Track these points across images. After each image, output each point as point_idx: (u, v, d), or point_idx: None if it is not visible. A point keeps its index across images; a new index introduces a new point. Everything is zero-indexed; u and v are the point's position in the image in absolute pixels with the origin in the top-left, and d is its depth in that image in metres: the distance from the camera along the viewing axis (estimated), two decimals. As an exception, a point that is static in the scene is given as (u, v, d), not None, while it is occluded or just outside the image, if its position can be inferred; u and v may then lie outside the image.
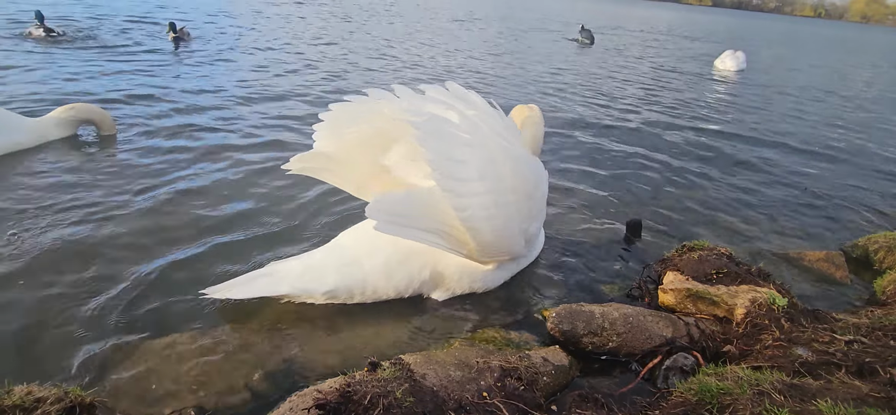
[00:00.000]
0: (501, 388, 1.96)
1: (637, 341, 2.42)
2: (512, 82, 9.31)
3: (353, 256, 2.62)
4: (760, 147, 6.53)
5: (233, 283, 2.43)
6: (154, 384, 2.02)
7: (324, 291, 2.52)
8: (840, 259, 3.51)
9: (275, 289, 2.46)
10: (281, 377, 2.14)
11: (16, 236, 2.91)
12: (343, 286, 2.54)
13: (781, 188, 5.08)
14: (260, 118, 5.60)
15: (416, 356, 2.07)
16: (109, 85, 6.18)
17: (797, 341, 2.32)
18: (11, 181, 3.58)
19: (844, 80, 15.66)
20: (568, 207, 4.11)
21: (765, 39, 32.39)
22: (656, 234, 3.80)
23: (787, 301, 2.57)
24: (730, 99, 9.93)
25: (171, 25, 9.36)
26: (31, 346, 2.16)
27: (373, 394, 1.75)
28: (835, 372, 2.04)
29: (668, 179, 4.99)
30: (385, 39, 13.00)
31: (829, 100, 11.03)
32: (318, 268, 2.56)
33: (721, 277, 2.83)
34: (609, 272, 3.23)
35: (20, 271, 2.62)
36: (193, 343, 2.25)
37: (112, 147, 4.40)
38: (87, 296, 2.49)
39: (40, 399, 1.57)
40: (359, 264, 2.59)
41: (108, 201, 3.42)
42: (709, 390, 1.92)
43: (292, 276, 2.50)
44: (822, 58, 23.22)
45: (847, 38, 49.63)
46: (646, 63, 14.17)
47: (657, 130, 6.80)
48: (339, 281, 2.53)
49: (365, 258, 2.61)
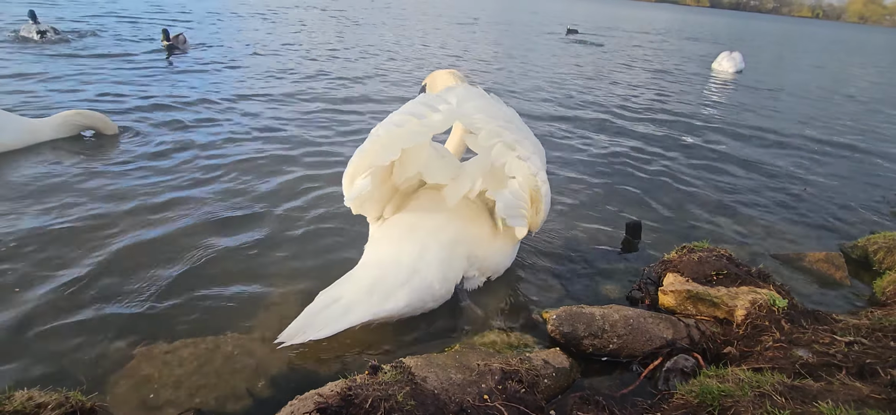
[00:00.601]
0: (502, 391, 1.96)
1: (638, 342, 2.42)
2: (509, 87, 9.31)
3: (409, 265, 2.47)
4: (759, 148, 6.54)
5: (302, 324, 2.19)
6: (155, 389, 2.02)
7: (400, 309, 2.36)
8: (839, 260, 3.51)
9: (351, 319, 2.23)
10: (282, 381, 2.13)
11: (14, 240, 2.91)
12: (416, 299, 2.41)
13: (781, 189, 5.08)
14: (255, 121, 5.60)
15: (417, 359, 2.07)
16: (103, 89, 6.19)
17: (798, 342, 2.32)
18: (8, 180, 3.58)
19: (843, 80, 15.70)
20: (567, 208, 4.11)
21: (763, 40, 32.47)
22: (656, 235, 3.81)
23: (788, 302, 2.57)
24: (728, 100, 9.94)
25: (165, 32, 8.81)
26: (31, 351, 2.16)
27: (374, 397, 1.75)
28: (835, 374, 2.04)
29: (668, 180, 5.00)
30: (393, 44, 13.02)
31: (828, 100, 11.05)
32: (383, 286, 2.37)
33: (721, 278, 2.83)
34: (609, 274, 3.23)
35: (19, 276, 2.62)
36: (194, 348, 2.25)
37: (112, 150, 4.40)
38: (88, 301, 2.49)
39: (41, 405, 1.57)
40: (418, 272, 2.45)
41: (107, 207, 3.42)
42: (710, 391, 1.92)
43: (363, 300, 2.29)
44: (820, 58, 23.29)
45: (845, 38, 49.77)
46: (644, 65, 14.19)
47: (656, 132, 6.81)
48: (411, 295, 2.38)
49: (420, 262, 2.48)
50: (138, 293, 2.58)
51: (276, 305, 2.60)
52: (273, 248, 3.13)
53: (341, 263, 2.90)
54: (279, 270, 2.92)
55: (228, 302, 2.59)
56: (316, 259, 3.07)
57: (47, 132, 4.38)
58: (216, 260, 2.94)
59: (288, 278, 2.84)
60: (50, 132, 4.40)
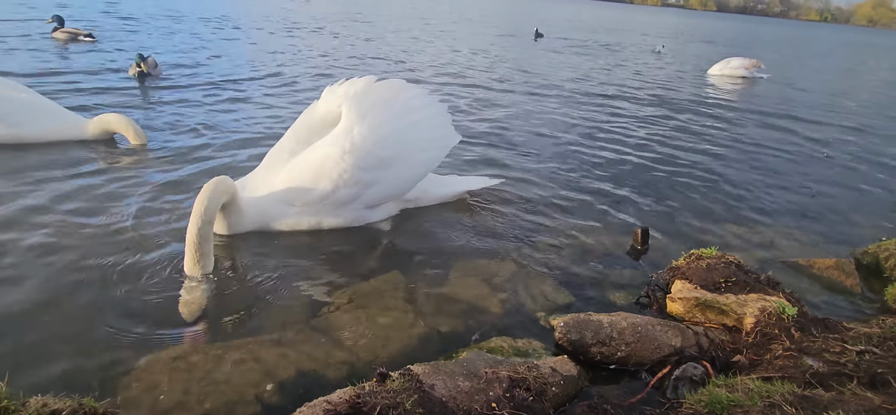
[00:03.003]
0: (510, 399, 1.96)
1: (646, 350, 2.42)
2: (521, 92, 9.32)
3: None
4: (767, 153, 6.50)
5: None
6: (165, 395, 2.04)
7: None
8: (850, 267, 3.48)
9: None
10: (290, 388, 2.15)
11: (28, 245, 2.95)
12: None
13: (790, 195, 5.05)
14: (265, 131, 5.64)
15: (425, 366, 2.07)
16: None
17: (808, 351, 2.31)
18: (29, 177, 3.64)
19: (853, 83, 15.58)
20: (574, 214, 4.11)
21: (770, 44, 32.30)
22: (663, 242, 3.79)
23: (797, 310, 2.55)
24: (735, 104, 9.90)
25: (140, 57, 7.26)
26: (45, 358, 2.18)
27: (382, 405, 1.76)
28: (846, 383, 2.03)
29: (675, 186, 4.98)
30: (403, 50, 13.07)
31: (837, 104, 10.97)
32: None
33: (730, 285, 2.82)
34: (617, 281, 3.23)
35: (34, 283, 2.65)
36: (204, 354, 2.26)
37: (137, 157, 4.45)
38: (100, 307, 2.52)
39: (55, 411, 1.59)
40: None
41: (125, 213, 3.45)
42: (719, 401, 1.91)
43: None
44: (829, 61, 23.13)
45: (854, 41, 49.40)
46: (650, 70, 14.16)
47: (663, 137, 6.79)
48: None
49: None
50: (149, 300, 2.60)
51: (283, 312, 2.62)
52: (282, 256, 3.15)
53: (347, 267, 2.90)
54: (289, 276, 2.94)
55: (237, 309, 2.61)
56: (326, 266, 3.09)
57: (91, 131, 4.71)
58: (224, 268, 2.96)
59: (294, 285, 2.86)
60: (93, 131, 4.71)
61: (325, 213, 3.38)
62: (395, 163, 3.46)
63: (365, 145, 3.28)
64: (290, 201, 3.32)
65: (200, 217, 2.73)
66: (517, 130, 6.44)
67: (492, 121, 6.79)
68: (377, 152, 3.34)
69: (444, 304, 2.82)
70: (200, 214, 2.73)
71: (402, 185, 3.63)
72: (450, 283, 3.03)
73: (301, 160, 3.35)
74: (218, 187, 2.87)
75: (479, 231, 3.68)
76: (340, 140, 3.28)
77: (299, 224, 3.37)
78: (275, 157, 3.50)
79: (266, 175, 3.43)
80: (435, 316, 2.71)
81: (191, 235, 2.74)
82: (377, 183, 3.43)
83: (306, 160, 3.33)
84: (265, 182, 3.39)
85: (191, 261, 2.77)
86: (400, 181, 3.58)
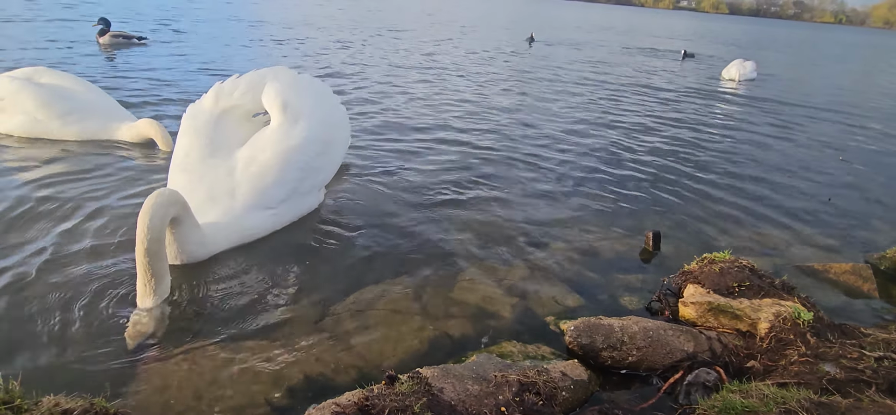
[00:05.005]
0: (520, 403, 1.94)
1: (657, 355, 2.39)
2: (525, 95, 9.30)
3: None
4: (782, 156, 6.42)
5: None
6: (174, 397, 2.05)
7: None
8: (867, 272, 3.42)
9: None
10: (299, 390, 2.15)
11: (45, 246, 2.99)
12: None
13: (805, 198, 4.97)
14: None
15: (434, 370, 2.07)
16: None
17: (824, 357, 2.26)
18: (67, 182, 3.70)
19: (869, 87, 15.34)
20: (584, 218, 4.08)
21: (785, 46, 31.94)
22: (675, 246, 3.75)
23: (813, 315, 2.51)
24: (748, 107, 9.79)
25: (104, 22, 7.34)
26: (57, 358, 2.21)
27: (391, 408, 1.76)
28: (864, 390, 1.98)
29: (687, 189, 4.93)
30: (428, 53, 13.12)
31: (853, 106, 10.80)
32: None
33: (743, 290, 2.77)
34: (627, 285, 3.20)
35: (48, 284, 2.69)
36: (213, 357, 2.28)
37: (161, 161, 4.51)
38: (111, 308, 2.54)
39: (67, 411, 1.61)
40: None
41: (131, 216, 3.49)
42: (733, 407, 1.88)
43: None
44: (844, 64, 22.80)
45: (870, 43, 48.68)
46: (662, 73, 14.06)
47: (674, 140, 6.73)
48: None
49: None
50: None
51: (293, 314, 2.63)
52: (288, 258, 3.16)
53: (348, 269, 2.91)
54: (294, 280, 2.95)
55: (246, 311, 2.63)
56: (328, 266, 3.10)
57: (128, 134, 4.89)
58: (232, 270, 2.98)
59: (305, 288, 2.87)
60: (130, 135, 4.89)
61: (286, 208, 3.45)
62: (333, 144, 3.82)
63: (316, 131, 3.53)
64: (267, 205, 3.29)
65: (145, 234, 2.43)
66: (525, 134, 6.42)
67: (498, 122, 6.78)
68: (323, 136, 3.62)
69: (454, 307, 2.81)
70: (144, 231, 2.43)
71: (337, 165, 3.96)
72: (459, 286, 3.02)
73: (256, 163, 3.26)
74: (160, 200, 2.54)
75: (488, 235, 3.67)
76: (295, 131, 3.42)
77: (275, 227, 3.39)
78: (196, 169, 3.25)
79: (208, 191, 3.18)
80: (444, 319, 2.70)
81: (138, 255, 2.45)
82: (323, 168, 3.72)
83: (264, 162, 3.27)
84: (212, 198, 3.16)
85: (142, 287, 2.48)
86: (336, 161, 3.94)
